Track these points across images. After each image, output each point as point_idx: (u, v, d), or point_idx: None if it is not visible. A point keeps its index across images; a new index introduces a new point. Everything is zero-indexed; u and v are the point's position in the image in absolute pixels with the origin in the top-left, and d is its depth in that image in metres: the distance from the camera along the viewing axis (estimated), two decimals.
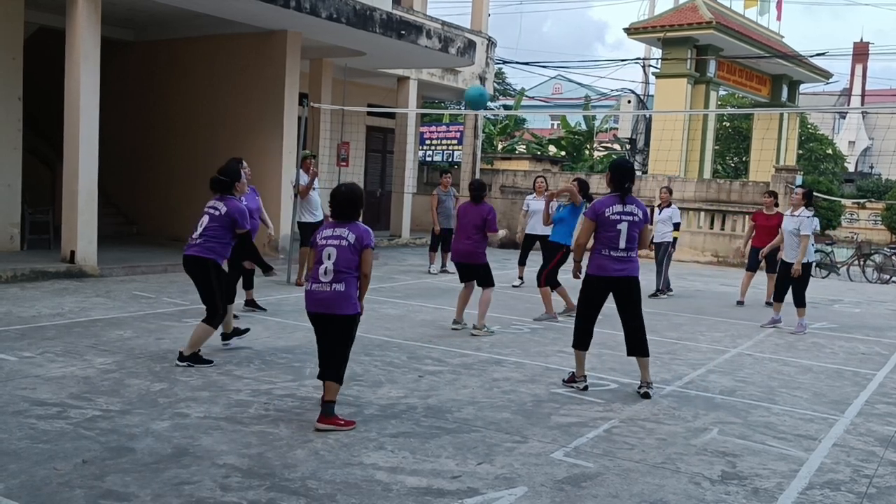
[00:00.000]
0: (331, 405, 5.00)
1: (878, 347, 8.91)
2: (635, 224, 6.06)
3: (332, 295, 4.98)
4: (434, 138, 21.98)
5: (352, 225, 5.09)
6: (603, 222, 6.08)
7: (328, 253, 5.01)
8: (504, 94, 42.43)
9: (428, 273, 13.50)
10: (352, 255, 5.01)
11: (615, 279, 6.08)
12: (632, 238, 6.06)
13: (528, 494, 4.09)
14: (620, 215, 6.04)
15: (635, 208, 6.10)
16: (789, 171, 18.29)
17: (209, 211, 6.56)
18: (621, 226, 6.03)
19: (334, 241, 5.04)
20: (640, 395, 6.12)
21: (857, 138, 53.61)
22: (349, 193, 5.15)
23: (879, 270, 17.51)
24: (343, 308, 4.99)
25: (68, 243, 10.81)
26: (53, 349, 6.61)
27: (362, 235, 5.06)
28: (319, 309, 5.04)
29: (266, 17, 12.41)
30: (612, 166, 6.30)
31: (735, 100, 35.94)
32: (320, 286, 5.01)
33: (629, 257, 6.09)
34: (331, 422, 4.95)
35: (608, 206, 6.08)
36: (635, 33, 23.87)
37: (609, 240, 6.06)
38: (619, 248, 6.04)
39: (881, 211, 27.95)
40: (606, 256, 6.07)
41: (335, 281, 4.98)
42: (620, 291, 6.14)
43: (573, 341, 6.31)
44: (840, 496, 4.32)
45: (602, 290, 6.18)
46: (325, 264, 5.00)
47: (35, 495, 3.75)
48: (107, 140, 11.71)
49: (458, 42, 15.33)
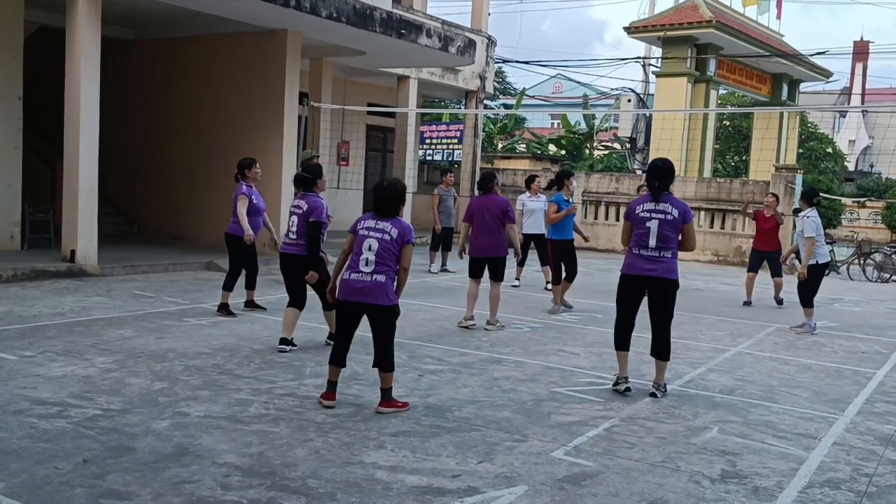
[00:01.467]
0: (388, 391, 5.32)
1: (878, 346, 8.91)
2: (668, 223, 5.93)
3: (373, 285, 5.16)
4: (434, 137, 21.97)
5: (394, 220, 5.28)
6: (634, 220, 6.07)
7: (369, 244, 5.18)
8: (504, 94, 42.42)
9: (428, 272, 13.50)
10: (393, 248, 5.20)
11: (646, 279, 6.00)
12: (664, 237, 5.95)
13: (529, 493, 4.10)
14: (651, 213, 5.98)
15: (669, 207, 5.96)
16: (789, 169, 18.28)
17: (294, 210, 6.86)
18: (651, 224, 5.95)
19: (377, 233, 5.20)
20: (648, 394, 6.11)
21: (858, 137, 53.59)
22: (392, 189, 5.33)
23: (879, 269, 17.52)
24: (381, 299, 5.18)
25: (69, 242, 10.81)
26: (54, 348, 6.62)
27: (405, 231, 5.25)
28: (356, 298, 5.20)
29: (266, 16, 12.41)
30: (648, 165, 6.29)
31: (735, 99, 35.94)
32: (360, 276, 5.18)
33: (661, 257, 5.96)
34: (391, 405, 5.30)
35: (640, 204, 6.06)
36: (635, 32, 23.86)
37: (639, 238, 6.01)
38: (649, 246, 5.96)
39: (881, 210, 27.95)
40: (637, 255, 6.03)
41: (376, 272, 5.16)
42: (653, 292, 6.06)
43: (614, 341, 6.30)
44: (840, 495, 4.33)
45: (632, 288, 6.12)
46: (367, 255, 5.17)
47: (36, 494, 3.76)
48: (107, 139, 11.71)
49: (458, 41, 15.32)
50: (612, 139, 32.78)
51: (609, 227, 19.86)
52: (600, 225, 19.98)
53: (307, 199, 6.84)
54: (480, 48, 19.38)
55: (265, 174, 12.67)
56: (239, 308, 8.79)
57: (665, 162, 6.17)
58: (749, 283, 11.68)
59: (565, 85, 50.39)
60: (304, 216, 6.79)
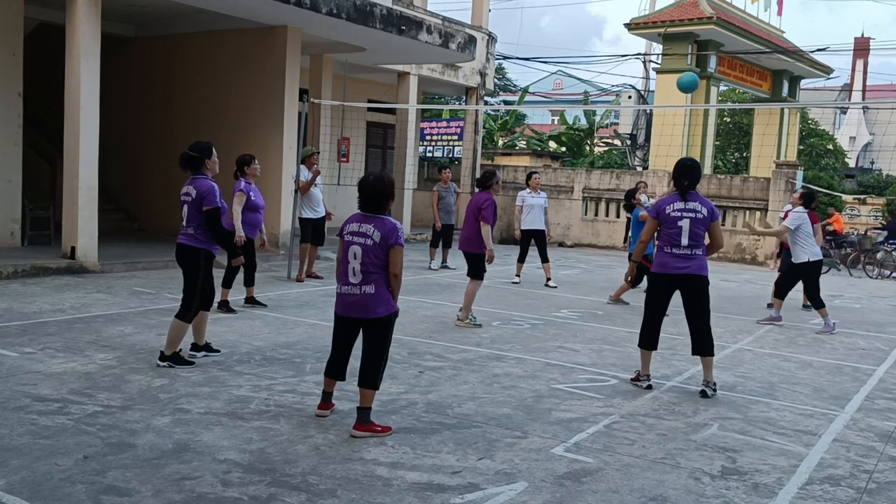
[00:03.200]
0: (367, 412, 4.81)
1: (878, 343, 8.91)
2: (698, 221, 6.00)
3: (363, 298, 4.76)
4: (434, 134, 21.96)
5: (378, 220, 4.78)
6: (664, 219, 6.08)
7: (353, 252, 4.75)
8: (505, 90, 42.40)
9: (429, 269, 13.51)
10: (378, 254, 4.73)
11: (679, 277, 6.04)
12: (695, 235, 6.01)
13: (529, 490, 4.10)
14: (682, 212, 6.02)
15: (699, 205, 6.03)
16: (790, 166, 18.27)
17: (183, 198, 6.21)
18: (682, 223, 6.00)
19: (360, 238, 4.75)
20: (700, 394, 6.10)
21: (858, 134, 53.52)
22: (376, 183, 4.81)
23: (880, 266, 17.51)
24: (376, 311, 4.77)
25: (69, 239, 10.81)
26: (54, 345, 6.62)
27: (388, 233, 4.73)
28: (351, 313, 4.82)
29: (266, 13, 12.40)
30: (675, 165, 6.25)
31: (736, 95, 35.90)
32: (350, 289, 4.78)
33: (693, 255, 6.02)
34: (367, 429, 4.76)
35: (669, 204, 6.07)
36: (636, 28, 23.83)
37: (671, 237, 6.04)
38: (682, 245, 6.01)
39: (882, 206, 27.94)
40: (669, 254, 6.06)
41: (364, 283, 4.74)
42: (686, 290, 6.09)
43: (639, 340, 6.30)
44: (840, 491, 4.33)
45: (666, 288, 6.15)
46: (353, 264, 4.75)
47: (36, 491, 3.76)
48: (107, 136, 11.72)
49: (458, 38, 15.31)
50: (613, 136, 32.75)
51: (609, 224, 19.86)
52: (600, 222, 19.98)
53: (195, 182, 6.14)
54: (481, 45, 19.36)
55: (265, 171, 12.71)
56: (239, 305, 8.79)
57: (693, 161, 6.24)
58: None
59: (566, 81, 50.38)
60: (195, 204, 6.08)
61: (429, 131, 22.10)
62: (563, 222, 20.29)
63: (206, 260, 6.21)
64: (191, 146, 6.30)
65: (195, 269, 6.18)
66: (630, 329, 8.37)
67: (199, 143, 6.32)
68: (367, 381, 4.83)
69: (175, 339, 6.16)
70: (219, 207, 6.15)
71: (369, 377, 4.83)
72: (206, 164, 6.25)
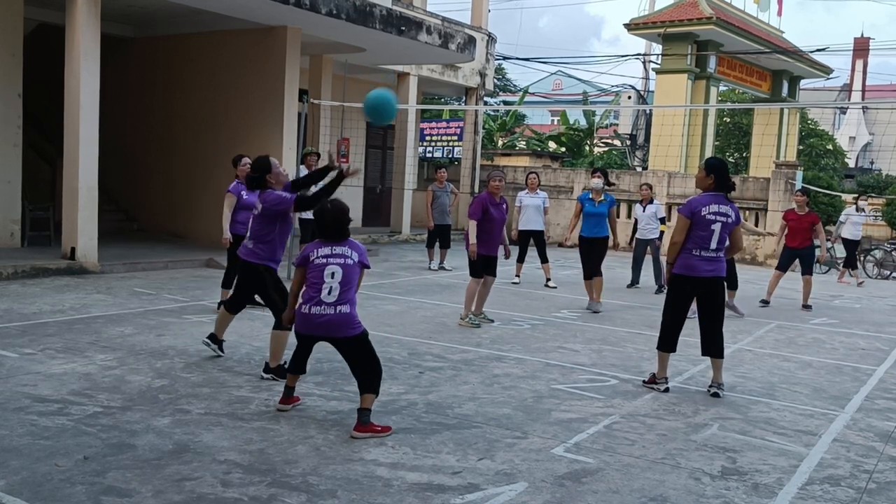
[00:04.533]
0: (367, 413, 4.85)
1: (878, 343, 8.91)
2: (728, 225, 6.04)
3: (338, 317, 4.80)
4: (434, 134, 21.96)
5: (350, 243, 4.96)
6: (698, 221, 6.03)
7: (331, 272, 4.80)
8: (504, 91, 42.40)
9: (428, 269, 13.50)
10: (355, 273, 4.90)
11: (704, 280, 6.04)
12: (723, 239, 6.04)
13: (529, 490, 4.10)
14: (716, 216, 6.01)
15: (729, 209, 6.06)
16: (789, 166, 18.26)
17: (253, 211, 6.26)
18: (715, 226, 6.00)
19: (338, 259, 4.85)
20: (710, 395, 6.12)
21: (858, 134, 53.52)
22: (338, 212, 4.95)
23: (880, 266, 17.52)
24: (350, 330, 4.85)
25: (69, 240, 10.81)
26: (54, 346, 6.62)
27: (362, 254, 4.98)
28: (319, 332, 4.88)
29: (266, 13, 12.39)
30: (714, 165, 6.19)
31: (735, 95, 35.91)
32: (322, 308, 4.78)
33: (718, 258, 6.06)
34: (367, 429, 4.79)
35: (705, 206, 6.03)
36: (635, 29, 23.84)
37: (702, 239, 6.02)
38: (711, 248, 6.02)
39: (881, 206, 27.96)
40: (697, 257, 6.03)
41: (339, 302, 4.79)
42: (707, 292, 6.10)
43: (658, 343, 6.26)
44: (840, 491, 4.33)
45: (690, 290, 6.14)
46: (329, 283, 4.78)
47: (36, 492, 3.76)
48: (107, 136, 11.71)
49: (458, 38, 15.31)
50: (613, 136, 32.76)
51: None
52: None
53: (260, 196, 6.11)
54: (480, 45, 19.37)
55: None
56: None
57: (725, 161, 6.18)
58: (774, 281, 11.37)
59: (565, 82, 50.39)
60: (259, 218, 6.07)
61: (428, 132, 22.11)
62: (563, 223, 20.27)
63: (269, 273, 6.15)
64: (251, 166, 6.30)
65: (262, 283, 6.17)
66: (630, 329, 8.38)
67: (257, 161, 6.25)
68: (367, 387, 4.89)
69: (276, 349, 6.02)
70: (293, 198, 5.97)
71: (368, 385, 4.89)
72: (268, 178, 6.17)
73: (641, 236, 12.42)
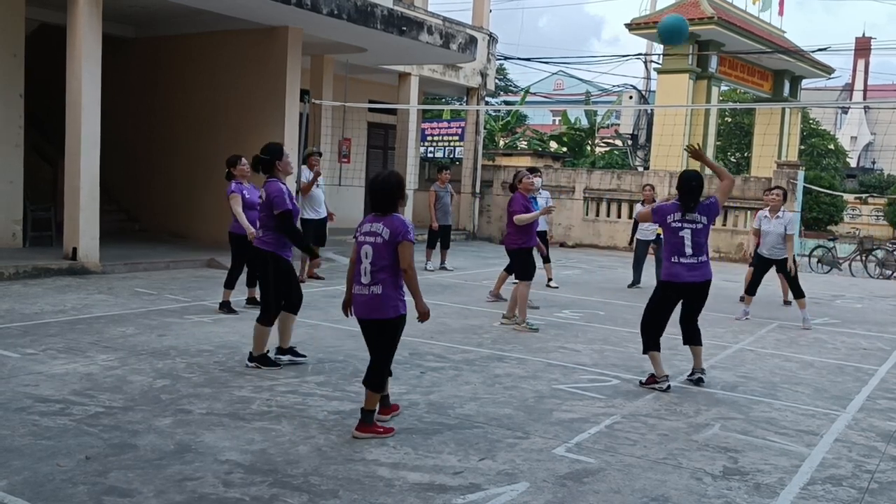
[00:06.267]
0: (370, 414, 4.80)
1: (879, 343, 8.90)
2: (699, 231, 6.19)
3: (370, 298, 4.76)
4: (435, 134, 21.96)
5: (387, 219, 4.77)
6: (666, 227, 6.26)
7: (365, 251, 4.76)
8: (506, 91, 42.38)
9: (425, 269, 13.48)
10: (387, 252, 4.72)
11: (689, 285, 6.22)
12: (697, 244, 6.18)
13: (530, 490, 4.10)
14: (682, 222, 6.19)
15: (698, 216, 6.20)
16: (791, 166, 18.26)
17: (258, 200, 6.34)
18: (684, 233, 6.17)
19: (370, 237, 4.76)
20: (695, 381, 6.40)
21: (859, 133, 53.48)
22: (383, 184, 4.82)
23: (881, 266, 17.50)
24: (382, 311, 4.77)
25: (70, 240, 10.81)
26: (56, 346, 6.62)
27: (396, 230, 4.71)
28: (362, 314, 4.84)
29: (267, 14, 12.40)
30: (679, 182, 6.41)
31: (737, 95, 35.88)
32: (360, 289, 4.79)
33: (699, 262, 6.20)
34: (370, 430, 4.75)
35: (670, 213, 6.24)
36: (637, 29, 23.83)
37: (675, 246, 6.20)
38: (687, 254, 6.16)
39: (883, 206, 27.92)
40: (677, 263, 6.19)
41: (373, 283, 4.74)
42: (693, 296, 6.30)
43: (644, 347, 6.33)
44: (842, 491, 4.33)
45: (675, 296, 6.32)
46: (364, 264, 4.75)
47: (38, 492, 3.76)
48: (108, 137, 11.71)
49: (459, 38, 15.31)
50: (614, 136, 32.73)
51: (610, 224, 19.85)
52: (602, 222, 19.97)
53: (266, 185, 6.19)
54: (482, 45, 19.36)
55: None
56: (241, 305, 8.79)
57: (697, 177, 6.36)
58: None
59: (567, 82, 50.37)
60: (265, 207, 6.16)
61: (430, 132, 22.11)
62: (565, 223, 20.28)
63: (276, 263, 6.20)
64: (262, 149, 6.33)
65: (264, 271, 6.23)
66: (631, 329, 8.36)
67: (269, 146, 6.35)
68: (373, 381, 4.83)
69: (258, 341, 6.17)
70: (289, 210, 6.18)
71: (371, 378, 4.84)
72: (278, 165, 6.27)
73: (643, 237, 12.42)
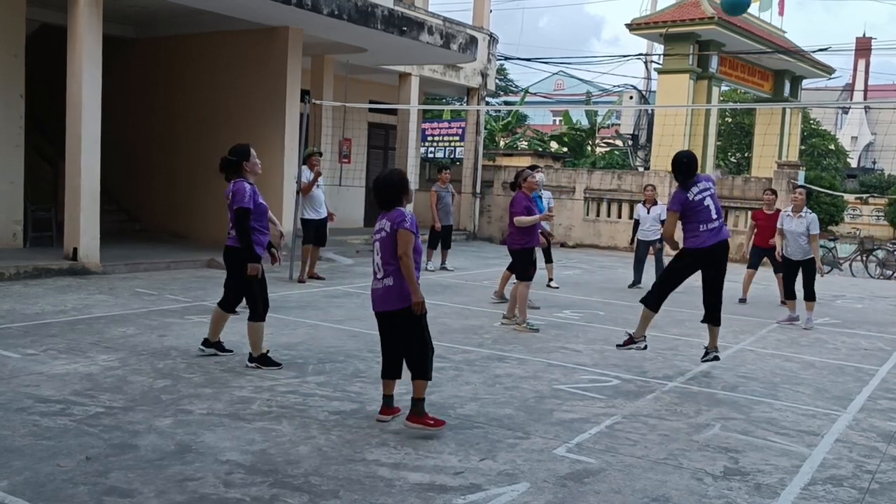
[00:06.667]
0: (420, 403, 4.89)
1: (880, 343, 8.90)
2: (714, 195, 6.59)
3: (384, 291, 4.93)
4: (436, 134, 21.96)
5: (388, 214, 4.95)
6: (691, 205, 6.52)
7: (377, 248, 4.99)
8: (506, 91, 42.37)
9: (426, 269, 13.47)
10: (392, 244, 4.86)
11: (714, 248, 6.49)
12: (718, 208, 6.58)
13: (531, 490, 4.10)
14: (701, 192, 6.53)
15: (706, 182, 6.62)
16: (792, 166, 18.25)
17: (227, 201, 6.34)
18: (707, 201, 6.52)
19: (379, 234, 4.98)
20: (712, 359, 6.83)
21: (860, 133, 53.47)
22: (385, 181, 5.02)
23: (882, 266, 17.49)
24: (396, 302, 4.88)
25: (71, 240, 10.81)
26: (56, 346, 6.62)
27: (394, 219, 4.87)
28: (376, 307, 5.01)
29: (267, 14, 12.40)
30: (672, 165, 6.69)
31: (737, 95, 35.87)
32: (375, 283, 5.01)
33: (721, 224, 6.56)
34: (420, 421, 4.84)
35: (687, 191, 6.52)
36: (637, 29, 23.82)
37: (703, 214, 6.51)
38: (713, 218, 6.53)
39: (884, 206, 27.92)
40: (706, 231, 6.51)
41: (385, 276, 4.92)
42: (718, 259, 6.56)
43: (647, 298, 6.72)
44: (842, 492, 4.32)
45: (693, 262, 6.59)
46: (376, 259, 4.97)
47: (39, 492, 3.76)
48: (109, 137, 11.71)
49: (459, 38, 15.30)
50: (615, 136, 32.73)
51: (611, 225, 19.84)
52: (602, 222, 19.97)
53: (232, 185, 6.25)
54: (482, 45, 19.35)
55: (267, 171, 12.66)
56: (241, 306, 8.77)
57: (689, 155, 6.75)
58: (747, 279, 11.65)
59: (567, 82, 50.35)
60: (231, 207, 6.22)
61: (430, 132, 22.11)
62: (565, 223, 20.28)
63: (250, 260, 6.24)
64: (230, 150, 6.41)
65: (240, 270, 6.27)
66: (633, 329, 8.36)
67: (237, 147, 6.44)
68: (416, 371, 4.93)
69: (255, 341, 6.24)
70: (248, 208, 6.18)
71: (416, 367, 4.95)
72: (245, 166, 6.34)
73: (644, 237, 12.43)
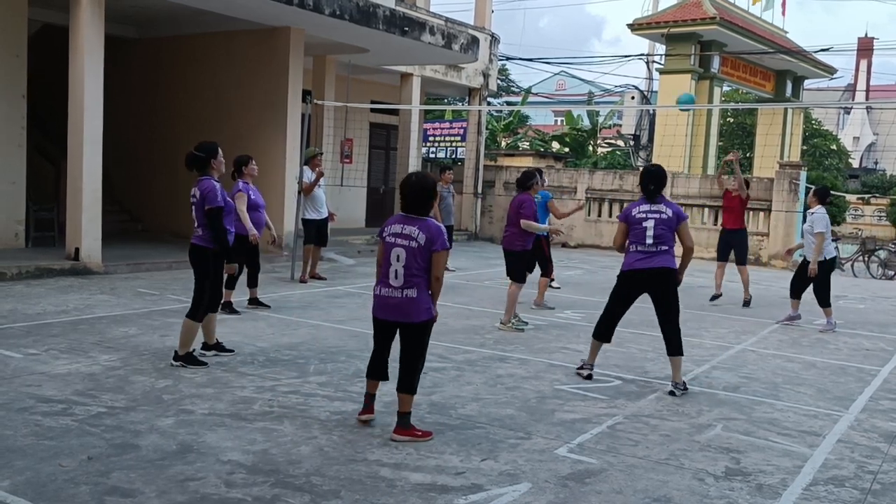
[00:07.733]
0: (406, 416, 4.79)
1: (882, 343, 8.89)
2: (663, 221, 6.23)
3: (404, 301, 4.69)
4: (437, 135, 21.97)
5: (422, 223, 4.70)
6: (632, 221, 6.35)
7: (397, 254, 4.67)
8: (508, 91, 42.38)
9: None
10: (421, 257, 4.65)
11: (644, 272, 6.21)
12: (659, 234, 6.20)
13: (532, 490, 4.10)
14: (647, 213, 6.29)
15: (664, 207, 6.30)
16: (793, 166, 18.22)
17: (192, 200, 6.26)
18: (647, 223, 6.26)
19: (403, 240, 4.67)
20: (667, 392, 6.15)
21: (862, 134, 53.44)
22: (419, 185, 4.73)
23: (884, 266, 17.49)
24: (416, 315, 4.71)
25: (73, 240, 10.82)
26: (58, 346, 6.63)
27: (434, 237, 4.66)
28: (390, 316, 4.77)
29: (269, 14, 12.41)
30: (641, 171, 6.62)
31: (739, 95, 35.87)
32: (391, 291, 4.72)
33: (658, 251, 6.20)
34: (408, 433, 4.74)
35: (636, 207, 6.39)
36: (639, 29, 23.83)
37: (637, 236, 6.30)
38: (646, 243, 6.23)
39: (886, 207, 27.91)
40: (634, 252, 6.30)
41: (406, 286, 4.67)
42: (653, 286, 6.25)
43: (594, 330, 6.52)
44: (844, 492, 4.32)
45: (629, 284, 6.34)
46: (395, 266, 4.68)
47: (40, 492, 3.77)
48: (111, 137, 11.73)
49: (461, 38, 15.31)
50: (616, 136, 32.73)
51: (613, 225, 19.79)
52: (604, 222, 19.96)
53: (199, 183, 6.19)
54: (484, 45, 19.35)
55: (268, 171, 12.72)
56: (242, 306, 8.80)
57: (658, 168, 6.61)
58: (718, 273, 11.52)
59: (569, 82, 50.34)
60: (200, 205, 6.15)
61: (432, 132, 22.11)
62: (567, 223, 20.26)
63: (216, 260, 6.26)
64: (196, 146, 6.35)
65: (205, 268, 6.24)
66: (633, 330, 8.37)
67: (204, 144, 6.38)
68: (405, 385, 4.81)
69: (186, 339, 6.20)
70: (220, 207, 6.18)
71: (407, 381, 4.81)
72: (212, 164, 6.32)
73: None
